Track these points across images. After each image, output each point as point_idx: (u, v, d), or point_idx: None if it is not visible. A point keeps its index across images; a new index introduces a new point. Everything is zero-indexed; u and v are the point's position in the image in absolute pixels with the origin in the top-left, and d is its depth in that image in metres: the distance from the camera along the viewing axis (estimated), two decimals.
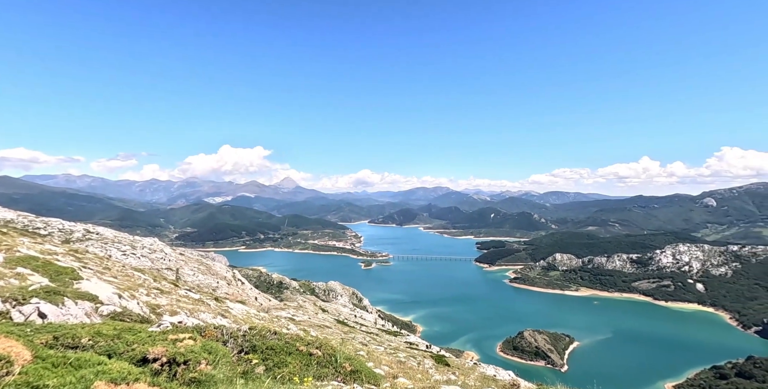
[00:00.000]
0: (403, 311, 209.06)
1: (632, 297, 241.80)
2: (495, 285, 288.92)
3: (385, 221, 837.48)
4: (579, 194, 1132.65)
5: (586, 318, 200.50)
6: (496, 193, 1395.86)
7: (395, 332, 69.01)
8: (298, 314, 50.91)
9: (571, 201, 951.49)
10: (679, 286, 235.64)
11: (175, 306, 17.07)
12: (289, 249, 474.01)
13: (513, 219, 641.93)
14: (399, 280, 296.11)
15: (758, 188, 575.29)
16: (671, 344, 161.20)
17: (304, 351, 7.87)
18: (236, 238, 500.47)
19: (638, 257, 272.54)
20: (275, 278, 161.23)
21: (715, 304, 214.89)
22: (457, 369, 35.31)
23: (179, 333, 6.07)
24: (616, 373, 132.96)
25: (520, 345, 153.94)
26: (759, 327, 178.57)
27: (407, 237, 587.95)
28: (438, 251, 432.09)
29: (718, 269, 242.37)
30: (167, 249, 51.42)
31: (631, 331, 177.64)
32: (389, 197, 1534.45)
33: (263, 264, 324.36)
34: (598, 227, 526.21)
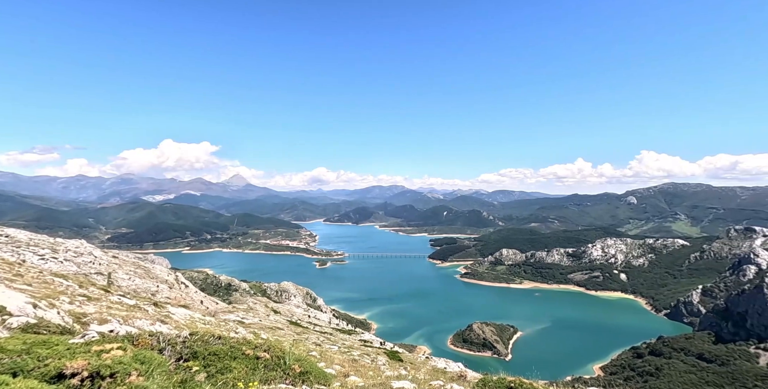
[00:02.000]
0: (358, 309, 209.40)
1: (568, 288, 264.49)
2: (447, 280, 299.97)
3: (340, 220, 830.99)
4: (523, 193, 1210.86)
5: (528, 309, 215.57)
6: (449, 192, 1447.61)
7: (350, 331, 68.92)
8: (248, 317, 48.84)
9: (516, 200, 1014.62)
10: (606, 277, 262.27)
11: (106, 314, 15.50)
12: (239, 250, 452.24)
13: (464, 217, 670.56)
14: (354, 278, 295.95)
15: (668, 188, 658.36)
16: (599, 329, 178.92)
17: (250, 354, 7.56)
18: (179, 239, 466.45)
19: (573, 251, 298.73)
20: (223, 280, 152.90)
21: (634, 292, 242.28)
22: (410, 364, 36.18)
23: (106, 343, 5.51)
24: (553, 359, 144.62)
25: (469, 338, 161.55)
26: (668, 310, 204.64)
27: (363, 236, 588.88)
28: (393, 249, 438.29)
29: (638, 260, 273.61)
30: (97, 252, 46.54)
31: (567, 319, 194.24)
32: (345, 195, 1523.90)
33: (210, 265, 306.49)
34: (540, 223, 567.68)
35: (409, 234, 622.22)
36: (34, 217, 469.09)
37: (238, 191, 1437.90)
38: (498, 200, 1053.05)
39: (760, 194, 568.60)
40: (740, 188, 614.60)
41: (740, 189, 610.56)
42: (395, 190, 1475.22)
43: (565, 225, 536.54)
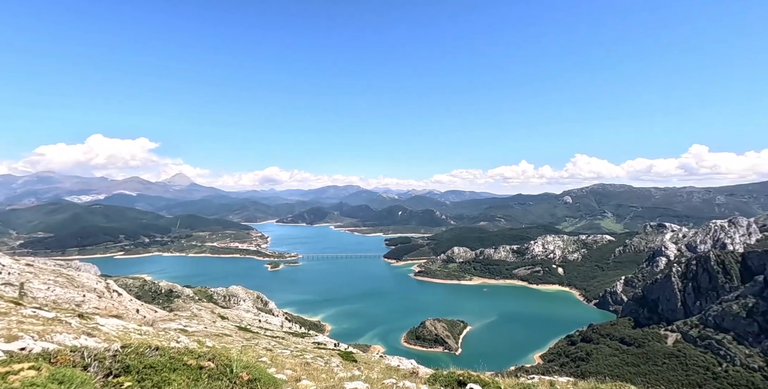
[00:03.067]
0: (312, 311, 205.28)
1: (513, 283, 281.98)
2: (401, 279, 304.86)
3: (294, 220, 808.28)
4: (473, 193, 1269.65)
5: (477, 304, 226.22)
6: (404, 192, 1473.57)
7: (303, 333, 67.28)
8: (192, 324, 45.69)
9: (467, 199, 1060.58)
10: (546, 271, 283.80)
11: (16, 330, 13.57)
12: (182, 254, 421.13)
13: (418, 217, 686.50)
14: (308, 280, 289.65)
15: (598, 188, 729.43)
16: (539, 320, 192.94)
17: (193, 364, 7.07)
18: (111, 243, 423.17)
19: (518, 248, 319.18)
20: (163, 286, 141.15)
21: (570, 284, 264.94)
22: (364, 364, 36.22)
23: (14, 363, 4.79)
24: (499, 350, 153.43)
25: (422, 334, 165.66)
26: (597, 300, 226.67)
27: (318, 236, 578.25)
28: (349, 249, 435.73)
29: (573, 255, 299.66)
30: (5, 260, 40.66)
31: (511, 312, 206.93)
32: (299, 195, 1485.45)
33: (149, 271, 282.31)
34: (488, 222, 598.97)
35: (365, 235, 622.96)
36: None
37: (182, 191, 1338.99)
38: (450, 200, 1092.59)
39: (669, 194, 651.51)
40: (654, 189, 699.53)
41: (654, 189, 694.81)
42: (351, 190, 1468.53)
43: (511, 224, 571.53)
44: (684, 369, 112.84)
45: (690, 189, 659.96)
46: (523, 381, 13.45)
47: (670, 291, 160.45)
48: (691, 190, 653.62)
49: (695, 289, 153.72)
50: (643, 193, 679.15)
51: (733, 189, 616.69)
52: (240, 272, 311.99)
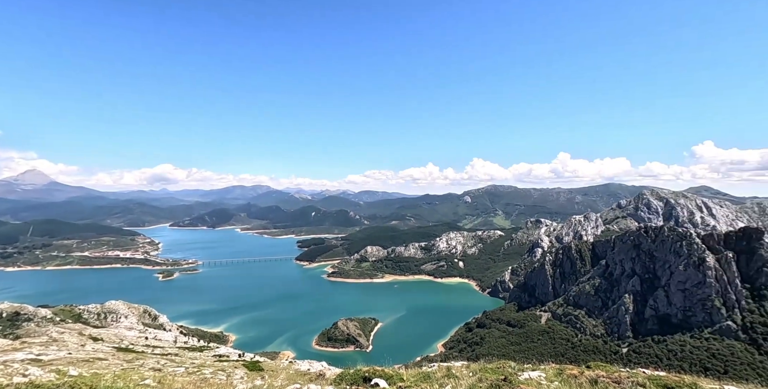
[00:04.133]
0: (213, 322, 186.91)
1: (420, 278, 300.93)
2: (314, 281, 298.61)
3: (193, 223, 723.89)
4: (386, 193, 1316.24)
5: (388, 300, 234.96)
6: (317, 192, 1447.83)
7: (201, 347, 60.78)
8: (50, 351, 37.37)
9: (380, 199, 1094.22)
10: (449, 265, 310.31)
11: None
12: (36, 267, 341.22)
13: (332, 217, 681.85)
14: (209, 288, 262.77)
15: (491, 189, 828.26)
16: (443, 311, 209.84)
17: None
18: None
19: (425, 244, 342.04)
20: (5, 309, 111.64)
21: (469, 276, 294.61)
22: (271, 372, 34.48)
23: None
24: (407, 343, 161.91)
25: (334, 335, 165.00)
26: (490, 289, 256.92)
27: (222, 241, 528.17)
28: (258, 252, 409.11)
29: (471, 249, 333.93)
30: None
31: (419, 306, 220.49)
32: (199, 196, 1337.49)
33: None
34: (400, 221, 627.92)
35: (276, 237, 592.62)
36: None
37: (36, 191, 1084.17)
38: (364, 200, 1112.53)
39: (544, 194, 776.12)
40: (533, 189, 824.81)
41: (533, 190, 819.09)
42: (260, 191, 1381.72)
43: (420, 222, 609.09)
44: (552, 343, 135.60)
45: (558, 189, 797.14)
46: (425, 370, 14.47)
47: (544, 277, 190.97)
48: (559, 190, 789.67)
49: (561, 274, 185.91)
50: (525, 193, 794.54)
51: (587, 190, 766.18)
52: (122, 285, 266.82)
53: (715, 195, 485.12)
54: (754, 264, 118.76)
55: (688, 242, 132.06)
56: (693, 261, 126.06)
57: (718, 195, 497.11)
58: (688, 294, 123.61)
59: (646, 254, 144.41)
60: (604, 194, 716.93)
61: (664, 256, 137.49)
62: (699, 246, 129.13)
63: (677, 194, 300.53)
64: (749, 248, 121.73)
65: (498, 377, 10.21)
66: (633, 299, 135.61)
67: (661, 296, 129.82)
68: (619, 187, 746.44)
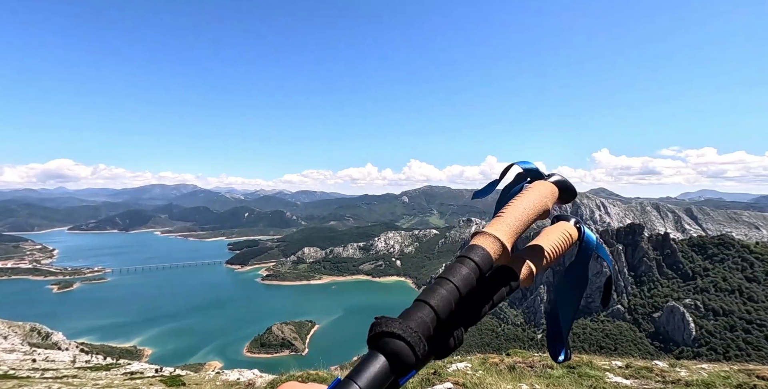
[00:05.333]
0: (124, 336, 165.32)
1: (359, 278, 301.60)
2: (247, 285, 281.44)
3: (100, 227, 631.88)
4: (324, 193, 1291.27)
5: (325, 302, 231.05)
6: (251, 192, 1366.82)
7: (107, 365, 53.09)
8: None
9: (318, 200, 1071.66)
10: (387, 264, 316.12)
11: None
12: None
13: (267, 218, 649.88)
14: (119, 299, 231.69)
15: (427, 189, 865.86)
16: (380, 310, 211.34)
17: None
18: None
19: (364, 244, 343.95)
20: None
21: (406, 275, 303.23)
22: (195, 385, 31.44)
23: None
24: (344, 344, 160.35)
25: (267, 341, 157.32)
26: (425, 286, 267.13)
27: (137, 245, 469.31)
28: (181, 257, 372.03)
29: (408, 248, 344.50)
30: None
31: (356, 306, 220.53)
32: (108, 196, 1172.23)
33: None
34: (338, 221, 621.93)
35: (203, 240, 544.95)
36: None
37: None
38: (301, 200, 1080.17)
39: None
40: (465, 190, 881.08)
41: (465, 190, 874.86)
42: (184, 190, 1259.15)
43: (358, 222, 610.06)
44: (480, 334, 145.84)
45: None
46: None
47: None
48: None
49: None
50: (458, 193, 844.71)
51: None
52: (1, 300, 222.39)
53: (609, 196, 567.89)
54: (637, 254, 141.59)
55: None
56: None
57: (612, 196, 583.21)
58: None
59: None
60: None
61: None
62: None
63: (582, 195, 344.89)
64: (633, 241, 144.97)
65: (429, 371, 10.51)
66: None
67: None
68: None
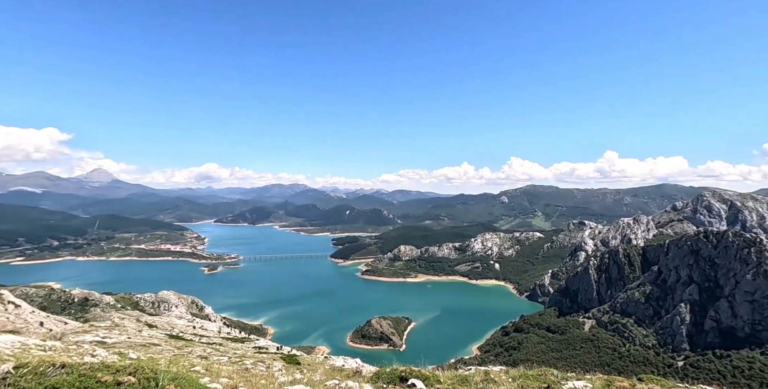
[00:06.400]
0: (253, 315, 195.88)
1: (454, 279, 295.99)
2: (348, 278, 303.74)
3: (235, 220, 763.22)
4: (419, 192, 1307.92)
5: (421, 300, 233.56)
6: (351, 191, 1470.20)
7: (242, 338, 63.95)
8: (113, 335, 41.02)
9: (413, 199, 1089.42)
10: (484, 267, 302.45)
11: None
12: (101, 257, 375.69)
13: (366, 216, 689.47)
14: (250, 282, 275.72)
15: (530, 189, 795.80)
16: (477, 313, 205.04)
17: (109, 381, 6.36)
18: (7, 247, 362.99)
19: (459, 245, 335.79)
20: (77, 294, 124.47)
21: (505, 278, 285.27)
22: (307, 366, 35.47)
23: None
24: (441, 344, 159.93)
25: (367, 333, 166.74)
26: (528, 293, 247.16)
27: (261, 237, 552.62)
28: (294, 249, 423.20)
29: (508, 251, 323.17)
30: None
31: (452, 307, 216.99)
32: (240, 194, 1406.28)
33: (58, 278, 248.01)
34: (433, 221, 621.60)
35: (311, 234, 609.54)
36: None
37: (101, 188, 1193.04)
38: (397, 199, 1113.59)
39: (588, 194, 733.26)
40: (576, 190, 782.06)
41: (576, 190, 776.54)
42: (296, 189, 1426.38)
43: (453, 222, 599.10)
44: (597, 352, 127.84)
45: (604, 190, 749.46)
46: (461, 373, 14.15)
47: (587, 282, 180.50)
48: (605, 191, 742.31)
49: (607, 280, 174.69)
50: (567, 193, 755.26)
51: (636, 191, 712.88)
52: (172, 276, 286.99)
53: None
54: None
55: (758, 249, 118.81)
56: (764, 270, 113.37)
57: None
58: (757, 306, 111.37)
59: (705, 261, 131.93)
60: (656, 195, 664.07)
61: (727, 264, 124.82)
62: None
63: (744, 196, 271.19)
64: None
65: (540, 385, 9.75)
66: (690, 309, 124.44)
67: (724, 307, 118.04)
68: (674, 187, 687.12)
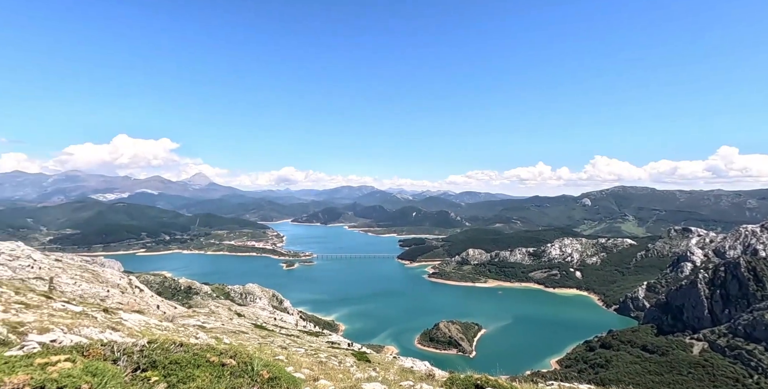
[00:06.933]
0: (325, 310, 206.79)
1: (528, 286, 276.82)
2: (415, 280, 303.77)
3: (309, 220, 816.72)
4: (489, 194, 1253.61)
5: (491, 306, 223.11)
6: (418, 193, 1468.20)
7: (317, 332, 67.86)
8: (210, 321, 46.70)
9: (482, 201, 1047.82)
10: (563, 275, 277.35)
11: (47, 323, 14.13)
12: (201, 251, 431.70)
13: (432, 218, 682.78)
14: (323, 280, 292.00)
15: (618, 191, 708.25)
16: (556, 324, 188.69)
17: (215, 361, 7.18)
18: (134, 240, 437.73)
19: (534, 250, 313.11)
20: (183, 283, 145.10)
21: (588, 288, 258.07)
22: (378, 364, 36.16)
23: (51, 355, 4.98)
24: (514, 354, 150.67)
25: (435, 336, 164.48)
26: (617, 306, 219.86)
27: (332, 236, 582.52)
28: (362, 249, 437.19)
29: (591, 258, 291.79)
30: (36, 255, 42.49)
31: (527, 316, 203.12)
32: (313, 195, 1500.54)
33: (169, 268, 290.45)
34: (504, 224, 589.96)
35: (378, 235, 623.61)
36: None
37: (201, 190, 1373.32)
38: (465, 201, 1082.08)
39: (695, 197, 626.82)
40: (679, 191, 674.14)
41: (679, 192, 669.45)
42: (365, 191, 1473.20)
43: (527, 226, 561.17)
44: (711, 380, 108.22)
45: (718, 192, 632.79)
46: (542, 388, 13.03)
47: (696, 298, 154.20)
48: (719, 193, 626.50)
49: (723, 297, 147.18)
50: (667, 195, 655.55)
51: (765, 193, 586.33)
52: (256, 270, 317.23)
53: None
54: None
55: None
56: None
57: None
58: None
59: None
60: None
61: None
62: None
63: None
64: None
65: None
66: None
67: None
68: None
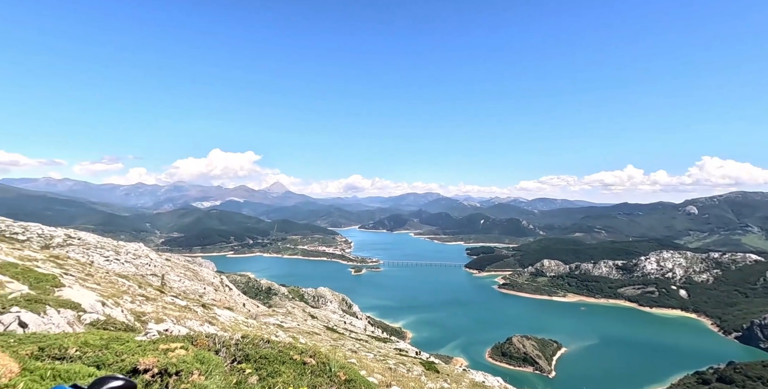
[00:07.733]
0: (392, 317, 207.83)
1: (618, 303, 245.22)
2: (484, 290, 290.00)
3: (375, 227, 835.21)
4: (566, 201, 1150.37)
5: (573, 323, 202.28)
6: (485, 199, 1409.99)
7: (385, 338, 68.46)
8: (287, 321, 50.14)
9: (559, 208, 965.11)
10: (663, 292, 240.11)
11: (161, 314, 16.61)
12: (278, 255, 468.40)
13: (502, 226, 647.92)
14: (389, 286, 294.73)
15: (737, 197, 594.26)
16: (655, 349, 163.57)
17: (297, 359, 7.71)
18: (224, 243, 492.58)
19: (624, 263, 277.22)
20: (264, 284, 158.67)
21: (697, 310, 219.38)
22: (447, 375, 35.12)
23: (170, 342, 5.90)
24: (603, 379, 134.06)
25: (508, 351, 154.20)
26: (739, 333, 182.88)
27: (398, 243, 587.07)
28: (428, 257, 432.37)
29: (700, 275, 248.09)
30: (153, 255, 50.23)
31: (617, 337, 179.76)
32: (379, 202, 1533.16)
33: (252, 269, 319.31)
34: (585, 233, 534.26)
35: (445, 243, 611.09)
36: (101, 222, 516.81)
37: (278, 198, 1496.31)
38: (538, 208, 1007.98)
39: None
40: None
41: None
42: (430, 197, 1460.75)
43: (614, 236, 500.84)
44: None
45: None
46: None
47: None
48: None
49: None
50: None
51: None
52: (326, 274, 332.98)
53: None
54: None
55: None
56: None
57: None
58: None
59: None
60: None
61: None
62: None
63: None
64: None
65: None
66: None
67: None
68: None
